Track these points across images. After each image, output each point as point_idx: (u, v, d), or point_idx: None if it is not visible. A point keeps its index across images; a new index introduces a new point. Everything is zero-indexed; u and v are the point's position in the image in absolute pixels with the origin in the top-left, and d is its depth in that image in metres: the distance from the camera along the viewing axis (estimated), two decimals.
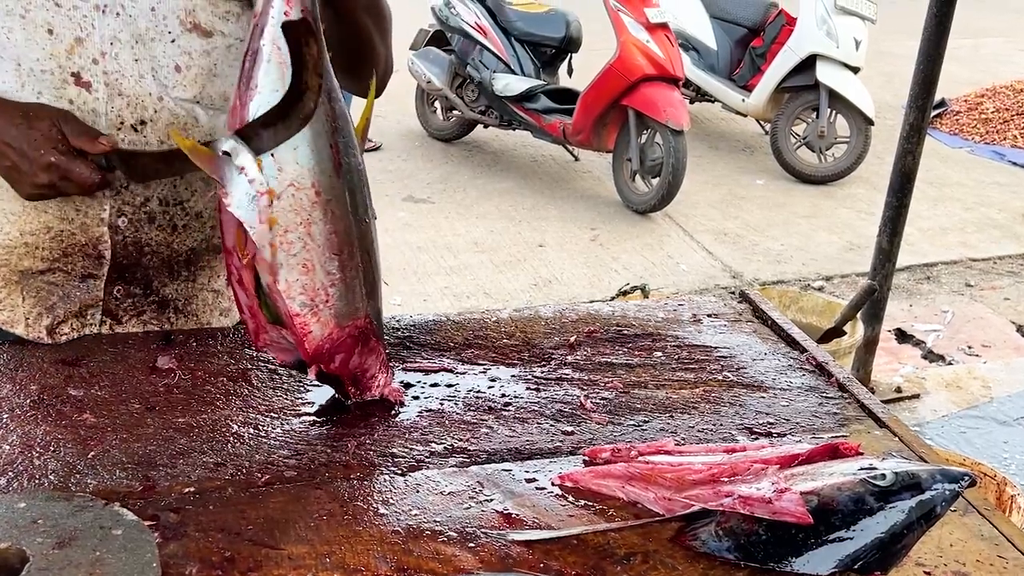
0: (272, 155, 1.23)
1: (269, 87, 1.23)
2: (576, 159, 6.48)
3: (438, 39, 6.46)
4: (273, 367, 1.47)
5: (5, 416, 1.30)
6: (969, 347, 4.45)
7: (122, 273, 1.54)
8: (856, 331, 3.50)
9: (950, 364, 4.25)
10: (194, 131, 1.49)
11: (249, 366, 1.47)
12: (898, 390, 3.87)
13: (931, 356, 4.37)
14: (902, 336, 4.54)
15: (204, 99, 1.49)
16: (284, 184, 1.24)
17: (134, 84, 1.43)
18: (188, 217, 1.56)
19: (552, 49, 6.16)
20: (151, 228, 1.53)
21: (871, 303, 3.57)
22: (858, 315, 3.49)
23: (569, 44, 6.13)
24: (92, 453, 1.24)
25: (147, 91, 1.44)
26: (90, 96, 1.42)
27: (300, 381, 1.44)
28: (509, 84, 6.00)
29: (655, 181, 5.63)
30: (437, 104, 6.70)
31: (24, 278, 1.52)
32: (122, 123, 1.44)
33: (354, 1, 1.44)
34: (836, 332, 3.34)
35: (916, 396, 3.85)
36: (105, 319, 1.56)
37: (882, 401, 3.75)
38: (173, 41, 1.45)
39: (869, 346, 3.79)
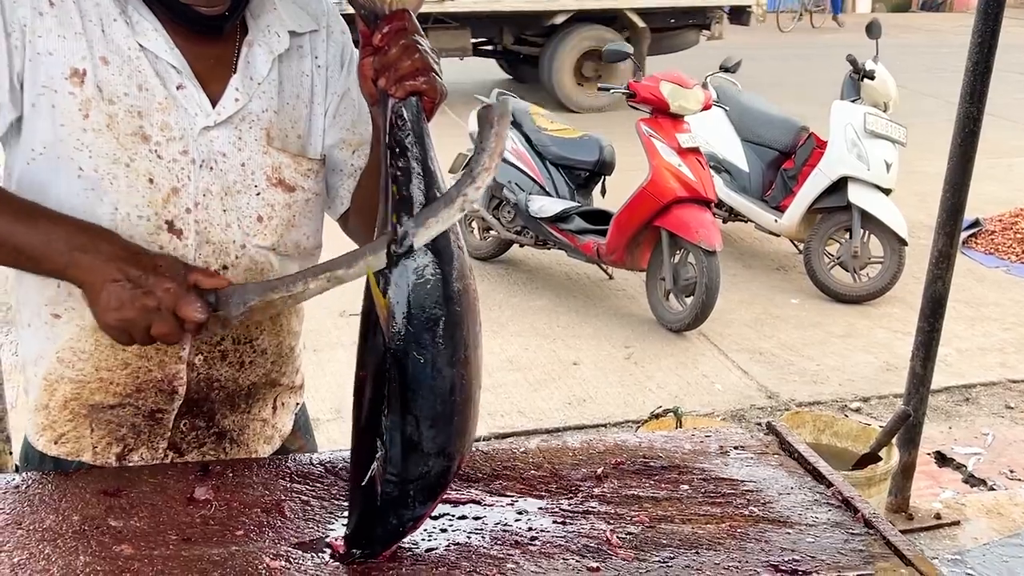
0: None
1: None
2: (610, 277, 6.56)
3: None
4: (306, 499, 1.51)
5: (48, 547, 1.35)
6: (1011, 471, 4.38)
7: (191, 408, 1.61)
8: (891, 457, 3.47)
9: (992, 489, 4.17)
10: (269, 274, 1.59)
11: (283, 497, 1.51)
12: (937, 516, 3.80)
13: (972, 480, 4.29)
14: (942, 459, 4.48)
15: (280, 247, 1.60)
16: None
17: (220, 232, 1.53)
18: (255, 354, 1.65)
19: (586, 172, 6.31)
20: (222, 365, 1.61)
21: (906, 428, 3.55)
22: (894, 441, 3.46)
23: (602, 167, 6.28)
24: None
25: (232, 239, 1.54)
26: (180, 243, 1.51)
27: (332, 513, 1.47)
28: (544, 206, 6.13)
29: (689, 300, 5.68)
30: (474, 224, 6.86)
31: (93, 412, 1.58)
32: (207, 268, 1.51)
33: None
34: (871, 458, 3.32)
35: (956, 523, 3.77)
36: (168, 452, 1.62)
37: (921, 528, 3.68)
38: (259, 194, 1.56)
39: (906, 472, 3.75)
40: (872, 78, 6.43)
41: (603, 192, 6.43)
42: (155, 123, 1.48)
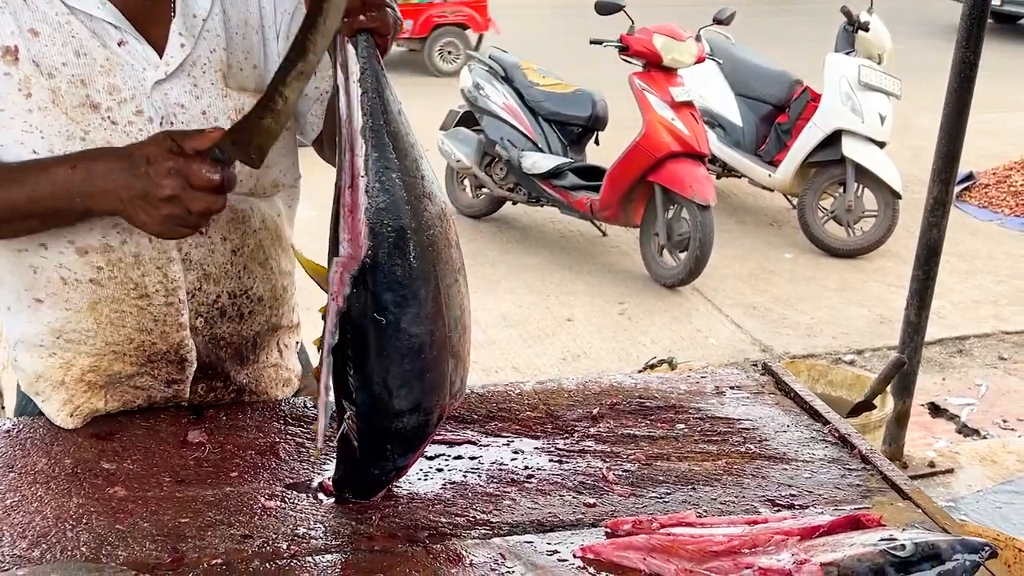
0: None
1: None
2: (604, 234, 6.53)
3: (467, 119, 6.59)
4: (300, 440, 1.50)
5: (40, 489, 1.34)
6: (1004, 421, 4.39)
7: (205, 371, 1.58)
8: (886, 405, 3.47)
9: (985, 438, 4.19)
10: (252, 219, 1.56)
11: (277, 439, 1.50)
12: (931, 464, 3.82)
13: (965, 430, 4.31)
14: (935, 410, 4.49)
15: (258, 190, 1.56)
16: None
17: None
18: (253, 303, 1.61)
19: (579, 128, 6.26)
20: (223, 321, 1.58)
21: (901, 376, 3.55)
22: (888, 389, 3.46)
23: (596, 123, 6.22)
24: (122, 525, 1.26)
25: None
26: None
27: (326, 454, 1.46)
28: (537, 162, 6.09)
29: (682, 255, 5.66)
30: (466, 182, 6.81)
31: (111, 382, 1.54)
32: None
33: None
34: (866, 406, 3.32)
35: (950, 471, 3.79)
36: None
37: (915, 476, 3.70)
38: None
39: (900, 420, 3.76)
40: (867, 30, 6.37)
41: (596, 142, 6.37)
42: (101, 88, 1.39)
